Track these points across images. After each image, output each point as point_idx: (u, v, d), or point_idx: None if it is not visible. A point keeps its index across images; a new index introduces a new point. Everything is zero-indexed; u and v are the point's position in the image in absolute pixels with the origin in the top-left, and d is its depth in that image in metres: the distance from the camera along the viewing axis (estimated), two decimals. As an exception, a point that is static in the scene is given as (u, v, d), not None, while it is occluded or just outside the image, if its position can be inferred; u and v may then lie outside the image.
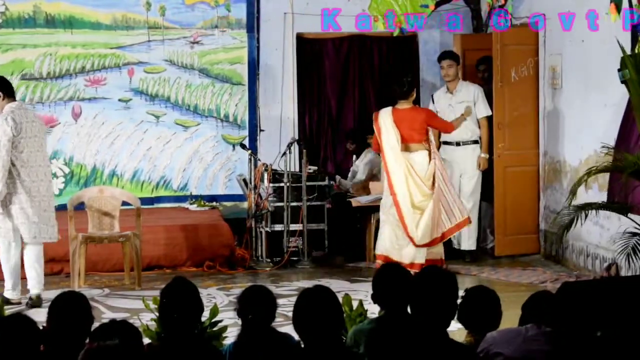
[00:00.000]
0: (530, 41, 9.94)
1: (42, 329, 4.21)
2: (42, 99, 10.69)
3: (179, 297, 4.43)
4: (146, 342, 4.99)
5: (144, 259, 9.00)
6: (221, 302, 7.93)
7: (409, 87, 8.97)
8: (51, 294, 7.61)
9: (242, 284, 8.36)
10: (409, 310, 4.57)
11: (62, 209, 9.43)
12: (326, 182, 10.12)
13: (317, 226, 9.90)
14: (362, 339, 4.62)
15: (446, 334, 4.33)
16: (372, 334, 4.31)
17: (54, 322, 4.33)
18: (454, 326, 4.54)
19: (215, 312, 5.73)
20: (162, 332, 4.86)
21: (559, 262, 9.57)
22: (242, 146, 10.44)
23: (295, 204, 9.76)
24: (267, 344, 4.43)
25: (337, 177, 10.58)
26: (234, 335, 4.85)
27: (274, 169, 9.81)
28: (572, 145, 9.42)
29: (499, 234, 9.95)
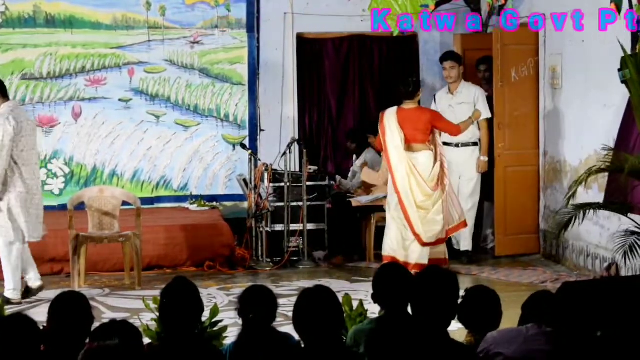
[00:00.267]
0: (530, 41, 9.94)
1: (43, 328, 4.21)
2: (42, 99, 10.69)
3: (180, 297, 4.43)
4: (146, 342, 4.99)
5: (144, 259, 9.00)
6: (221, 302, 7.94)
7: (414, 87, 8.99)
8: (51, 294, 7.63)
9: (243, 284, 8.36)
10: (409, 310, 4.57)
11: (63, 209, 9.46)
12: (326, 182, 10.14)
13: (317, 226, 9.91)
14: (362, 338, 4.62)
15: (447, 334, 4.33)
16: (372, 334, 4.31)
17: (54, 322, 4.34)
18: (454, 326, 4.54)
19: (215, 312, 5.73)
20: (163, 332, 4.86)
21: (559, 262, 9.56)
22: (243, 146, 10.44)
23: (295, 203, 9.76)
24: (268, 344, 4.43)
25: (337, 177, 10.58)
26: (234, 335, 4.86)
27: (274, 169, 9.81)
28: (573, 145, 9.42)
29: (499, 234, 9.96)
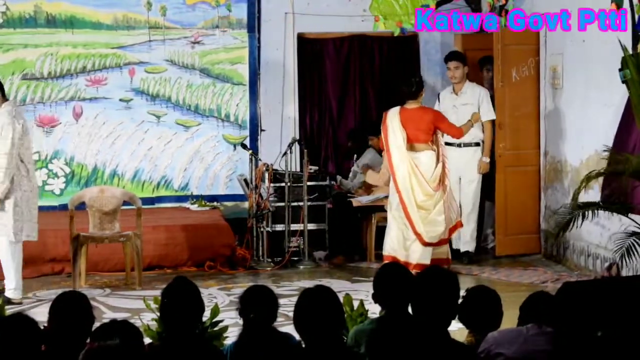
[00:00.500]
0: (531, 41, 9.93)
1: (43, 328, 4.21)
2: (43, 99, 10.68)
3: (180, 297, 4.43)
4: (147, 342, 4.99)
5: (145, 259, 9.00)
6: (222, 302, 7.94)
7: (417, 87, 8.99)
8: (52, 293, 7.64)
9: (243, 284, 8.36)
10: (410, 310, 4.57)
11: (63, 208, 9.46)
12: (327, 182, 10.14)
13: (318, 226, 9.92)
14: (363, 339, 4.62)
15: (447, 334, 4.33)
16: (373, 334, 4.32)
17: (55, 322, 4.34)
18: (454, 326, 4.54)
19: (216, 312, 5.73)
20: (163, 332, 4.87)
21: (559, 262, 9.56)
22: (243, 146, 10.44)
23: (296, 203, 9.76)
24: (268, 344, 4.43)
25: (338, 177, 10.58)
26: (234, 335, 4.86)
27: (275, 169, 9.81)
28: (573, 145, 9.41)
29: (499, 233, 9.95)
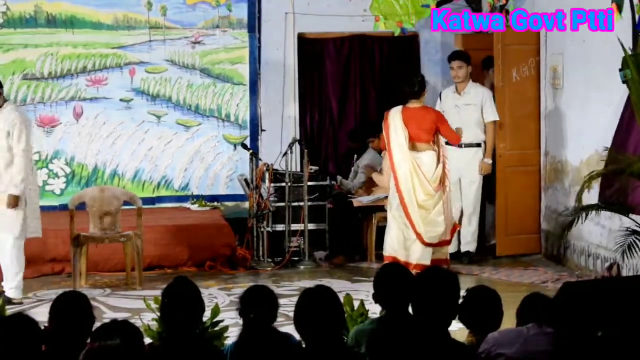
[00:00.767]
0: (531, 41, 9.93)
1: (44, 328, 4.21)
2: (43, 99, 10.69)
3: (180, 297, 4.43)
4: (147, 342, 4.99)
5: (145, 259, 9.00)
6: (222, 302, 7.93)
7: (419, 86, 9.00)
8: (52, 293, 7.64)
9: (243, 284, 8.36)
10: (410, 310, 4.57)
11: (64, 208, 9.46)
12: (327, 182, 10.14)
13: (318, 226, 9.92)
14: (363, 339, 4.62)
15: (447, 334, 4.33)
16: (373, 334, 4.31)
17: (55, 322, 4.34)
18: (455, 326, 4.54)
19: (216, 312, 5.73)
20: (164, 332, 4.87)
21: (560, 262, 9.56)
22: (244, 146, 10.44)
23: (296, 203, 9.76)
24: (268, 344, 4.43)
25: (338, 177, 10.57)
26: (235, 335, 4.85)
27: (275, 169, 9.81)
28: (574, 145, 9.41)
29: (500, 233, 9.95)
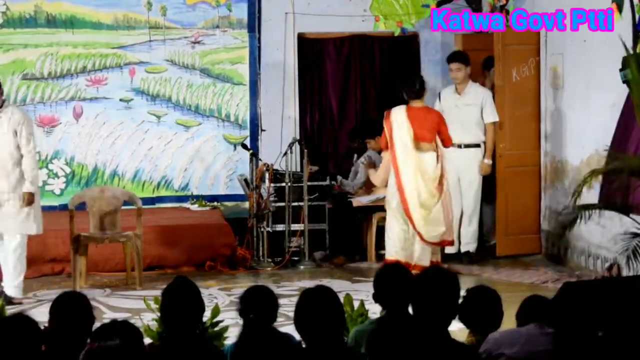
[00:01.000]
0: (531, 41, 9.93)
1: (44, 329, 4.21)
2: (43, 99, 10.68)
3: (181, 297, 4.43)
4: (147, 342, 4.99)
5: (145, 259, 9.00)
6: (222, 302, 7.93)
7: (420, 86, 9.01)
8: (52, 293, 7.63)
9: (244, 284, 8.35)
10: (410, 310, 4.57)
11: (64, 209, 9.46)
12: (327, 182, 10.14)
13: (318, 226, 9.91)
14: (363, 339, 4.61)
15: (448, 334, 4.32)
16: (373, 334, 4.30)
17: (55, 322, 4.33)
18: (455, 326, 4.54)
19: (216, 312, 5.73)
20: (164, 332, 4.87)
21: (560, 262, 9.55)
22: (244, 146, 10.44)
23: (296, 204, 9.76)
24: (268, 344, 4.43)
25: (338, 177, 10.56)
26: (235, 335, 4.85)
27: (275, 169, 9.81)
28: (574, 145, 9.41)
29: (500, 234, 9.95)
